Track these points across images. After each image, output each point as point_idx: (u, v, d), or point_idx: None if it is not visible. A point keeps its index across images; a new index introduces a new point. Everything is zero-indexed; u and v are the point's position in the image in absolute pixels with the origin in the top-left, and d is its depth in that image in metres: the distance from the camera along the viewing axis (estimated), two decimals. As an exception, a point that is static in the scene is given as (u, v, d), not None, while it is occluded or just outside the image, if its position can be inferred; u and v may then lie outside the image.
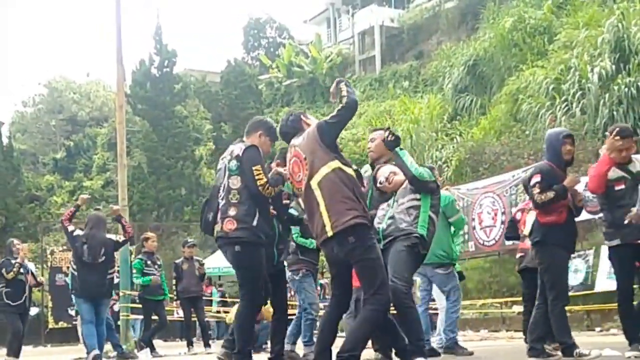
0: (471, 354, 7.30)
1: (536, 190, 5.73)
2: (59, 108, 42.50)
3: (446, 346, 7.51)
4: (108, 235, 9.50)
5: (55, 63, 74.03)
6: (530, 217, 7.40)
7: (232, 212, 5.44)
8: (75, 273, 8.96)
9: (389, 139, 5.32)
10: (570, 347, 5.68)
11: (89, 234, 8.94)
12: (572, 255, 7.96)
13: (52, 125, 42.00)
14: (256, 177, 5.35)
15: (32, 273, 10.36)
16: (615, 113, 16.02)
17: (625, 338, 6.13)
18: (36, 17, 78.46)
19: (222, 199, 5.56)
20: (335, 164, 4.74)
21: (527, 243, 7.33)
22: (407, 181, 5.42)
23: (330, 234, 4.66)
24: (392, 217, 5.41)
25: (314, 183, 4.74)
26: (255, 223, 5.40)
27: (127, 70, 24.89)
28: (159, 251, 12.31)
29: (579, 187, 5.99)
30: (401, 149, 5.37)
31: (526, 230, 7.41)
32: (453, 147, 21.02)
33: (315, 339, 5.92)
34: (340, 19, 41.34)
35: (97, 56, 78.62)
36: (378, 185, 5.57)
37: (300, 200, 5.27)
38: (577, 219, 6.04)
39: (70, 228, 9.07)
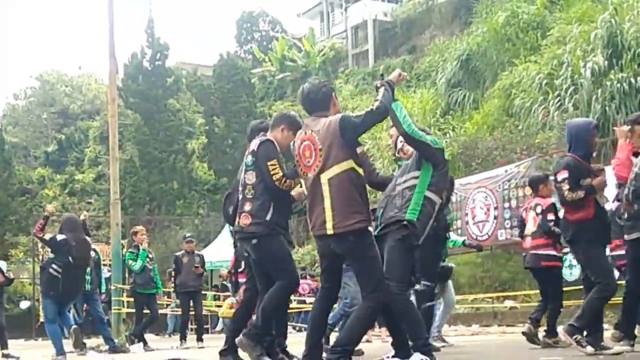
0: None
1: (565, 186, 5.67)
2: (51, 101, 42.31)
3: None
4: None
5: (47, 56, 73.81)
6: (530, 216, 7.53)
7: (247, 207, 5.43)
8: (58, 275, 8.55)
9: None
10: (576, 329, 5.71)
11: (75, 236, 8.69)
12: (567, 251, 8.08)
13: (43, 118, 41.81)
14: (272, 172, 5.29)
15: (2, 271, 10.29)
16: (607, 108, 16.00)
17: (620, 331, 6.14)
18: (28, 10, 78.03)
19: (240, 194, 5.55)
20: (349, 163, 4.67)
21: (526, 243, 7.54)
22: (411, 157, 5.11)
23: (330, 232, 4.64)
24: (387, 197, 5.06)
25: (324, 177, 4.68)
26: (268, 217, 5.36)
27: (119, 63, 24.79)
28: (151, 245, 12.30)
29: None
30: (396, 101, 4.89)
31: (527, 230, 7.54)
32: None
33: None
34: (333, 12, 41.24)
35: (89, 49, 78.40)
36: (396, 154, 5.51)
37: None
38: None
39: (48, 236, 8.82)
